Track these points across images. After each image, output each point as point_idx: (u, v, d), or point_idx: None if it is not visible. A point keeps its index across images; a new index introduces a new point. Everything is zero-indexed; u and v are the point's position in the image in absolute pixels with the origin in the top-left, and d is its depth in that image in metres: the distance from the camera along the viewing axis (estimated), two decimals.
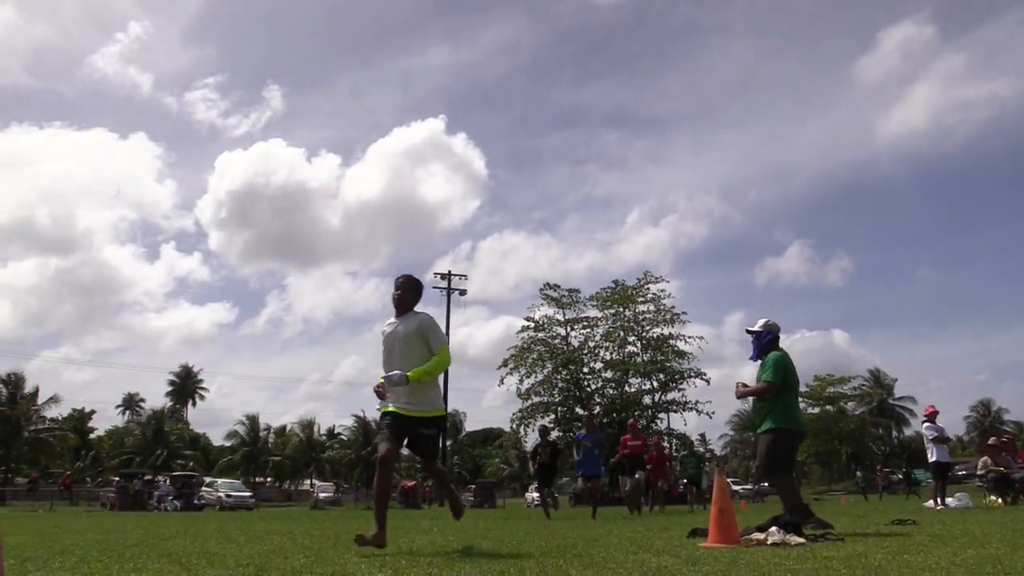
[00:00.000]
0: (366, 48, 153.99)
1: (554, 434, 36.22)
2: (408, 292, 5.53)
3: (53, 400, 51.98)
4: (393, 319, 5.54)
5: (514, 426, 40.80)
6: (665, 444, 36.32)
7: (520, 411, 39.56)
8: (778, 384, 6.70)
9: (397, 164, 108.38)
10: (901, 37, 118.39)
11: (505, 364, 39.91)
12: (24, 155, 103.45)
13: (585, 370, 40.60)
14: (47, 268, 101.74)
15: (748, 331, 7.19)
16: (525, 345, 40.45)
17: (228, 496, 34.02)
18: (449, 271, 41.90)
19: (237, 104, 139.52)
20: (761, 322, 7.15)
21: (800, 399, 7.45)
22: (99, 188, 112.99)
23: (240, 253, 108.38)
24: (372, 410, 65.46)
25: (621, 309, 40.94)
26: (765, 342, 7.01)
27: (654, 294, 40.65)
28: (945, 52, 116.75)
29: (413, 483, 41.05)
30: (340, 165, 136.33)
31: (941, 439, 13.52)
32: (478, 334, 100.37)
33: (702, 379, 39.56)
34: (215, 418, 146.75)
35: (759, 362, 7.04)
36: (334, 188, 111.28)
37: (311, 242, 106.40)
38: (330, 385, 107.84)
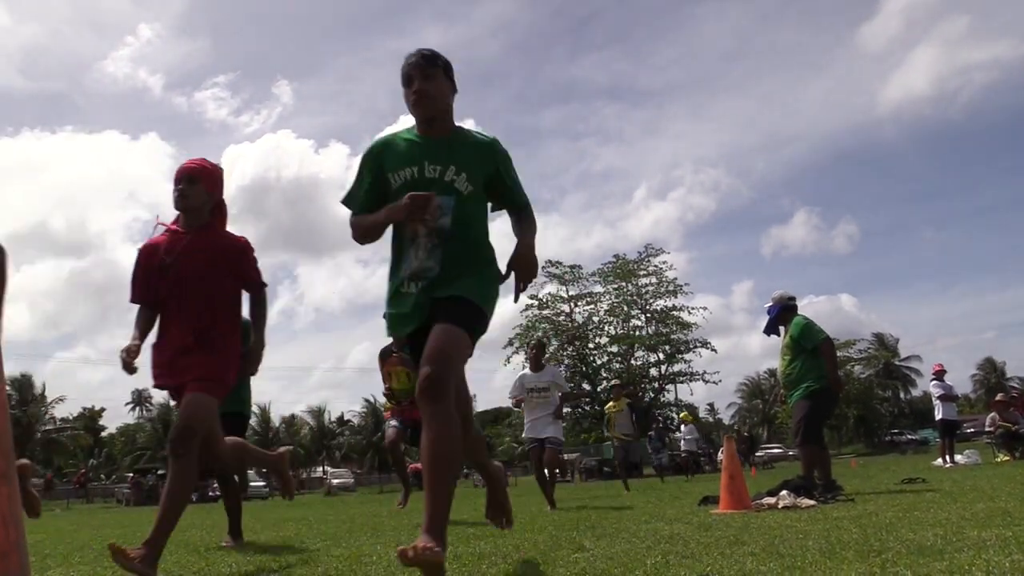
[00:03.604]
0: (359, 32, 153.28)
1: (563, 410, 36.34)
2: None
3: (59, 400, 52.45)
4: None
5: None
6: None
7: None
8: (828, 336, 6.77)
9: None
10: (905, 1, 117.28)
11: (510, 343, 40.02)
12: (37, 160, 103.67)
13: (591, 346, 40.72)
14: (61, 270, 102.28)
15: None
16: (530, 324, 40.52)
17: None
18: None
19: (248, 101, 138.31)
20: (773, 296, 7.22)
21: None
22: (112, 190, 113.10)
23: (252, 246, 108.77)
24: (381, 396, 65.81)
25: (624, 283, 40.98)
26: (773, 315, 7.08)
27: (656, 266, 40.70)
28: (948, 14, 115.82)
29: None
30: (349, 155, 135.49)
31: (948, 397, 13.54)
32: None
33: (708, 349, 39.77)
34: None
35: (775, 336, 7.11)
36: (343, 178, 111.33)
37: (321, 232, 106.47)
38: (342, 372, 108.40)
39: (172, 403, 4.12)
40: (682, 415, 23.14)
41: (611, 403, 13.17)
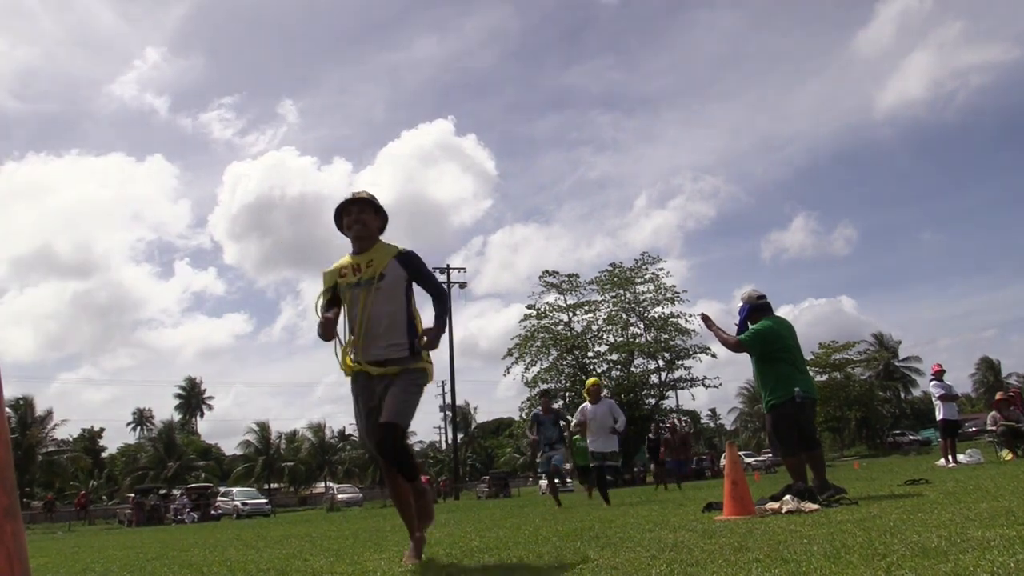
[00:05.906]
0: (353, 45, 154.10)
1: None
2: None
3: (62, 422, 52.42)
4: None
5: (524, 415, 40.92)
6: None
7: (529, 399, 39.67)
8: (744, 345, 6.60)
9: (408, 166, 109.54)
10: (899, 7, 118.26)
11: (510, 354, 40.01)
12: (43, 183, 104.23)
13: (590, 354, 40.70)
14: (65, 292, 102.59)
15: None
16: (528, 334, 40.51)
17: (244, 504, 34.13)
18: (448, 265, 41.59)
19: (254, 122, 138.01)
20: (742, 295, 7.08)
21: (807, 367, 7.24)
22: (117, 211, 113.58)
23: (255, 264, 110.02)
24: None
25: (621, 291, 41.02)
26: (743, 316, 6.89)
27: (653, 274, 40.74)
28: (942, 19, 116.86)
29: (426, 478, 41.09)
30: (351, 172, 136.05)
31: (948, 397, 13.54)
32: (490, 327, 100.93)
33: (708, 354, 39.75)
34: (232, 428, 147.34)
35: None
36: (345, 194, 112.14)
37: (324, 248, 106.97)
38: (345, 387, 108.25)
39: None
40: (589, 381, 11.61)
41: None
